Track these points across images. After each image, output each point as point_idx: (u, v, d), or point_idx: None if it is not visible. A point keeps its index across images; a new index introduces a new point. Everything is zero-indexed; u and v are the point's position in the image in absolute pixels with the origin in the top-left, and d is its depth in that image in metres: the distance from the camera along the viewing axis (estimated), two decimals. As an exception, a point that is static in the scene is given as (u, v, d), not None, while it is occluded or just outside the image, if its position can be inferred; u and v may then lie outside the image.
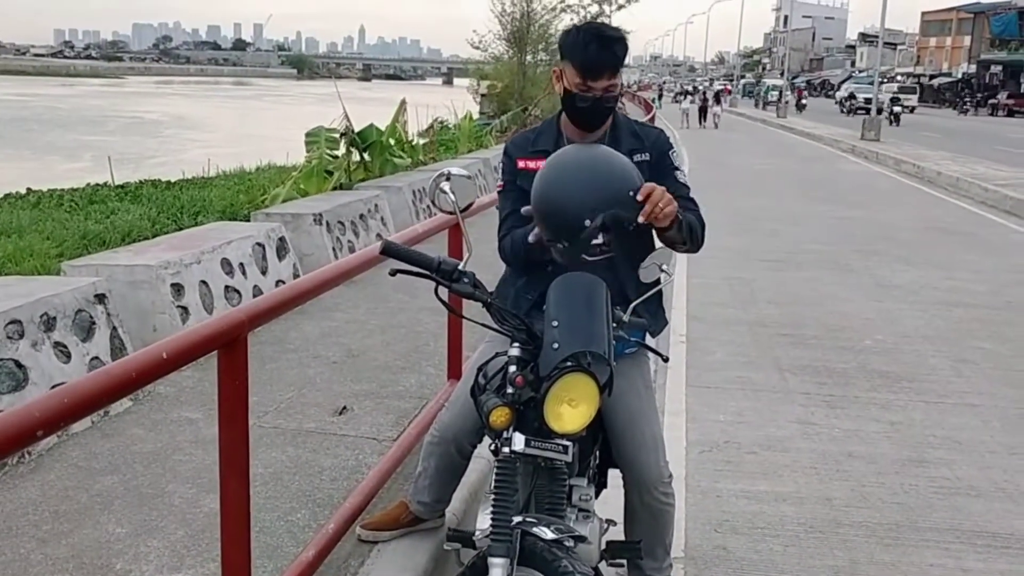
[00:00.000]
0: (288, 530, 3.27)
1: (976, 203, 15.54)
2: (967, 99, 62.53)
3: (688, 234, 2.63)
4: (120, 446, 3.93)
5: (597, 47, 2.59)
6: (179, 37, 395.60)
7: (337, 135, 12.07)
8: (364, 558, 3.08)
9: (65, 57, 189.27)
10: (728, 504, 4.11)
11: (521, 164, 2.80)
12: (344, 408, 4.45)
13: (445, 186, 2.43)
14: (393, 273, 2.36)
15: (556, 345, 2.25)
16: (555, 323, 2.28)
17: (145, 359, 1.83)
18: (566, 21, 29.55)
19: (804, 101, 56.62)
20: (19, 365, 3.78)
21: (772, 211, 13.60)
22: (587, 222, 2.28)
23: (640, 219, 2.32)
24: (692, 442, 4.77)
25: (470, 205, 2.48)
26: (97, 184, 16.40)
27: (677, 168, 2.81)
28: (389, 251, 2.40)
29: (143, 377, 1.79)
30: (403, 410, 4.47)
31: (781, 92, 54.90)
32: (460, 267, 2.37)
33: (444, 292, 2.44)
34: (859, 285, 8.66)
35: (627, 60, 2.78)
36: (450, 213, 2.50)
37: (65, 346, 4.06)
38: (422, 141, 17.29)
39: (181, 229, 7.93)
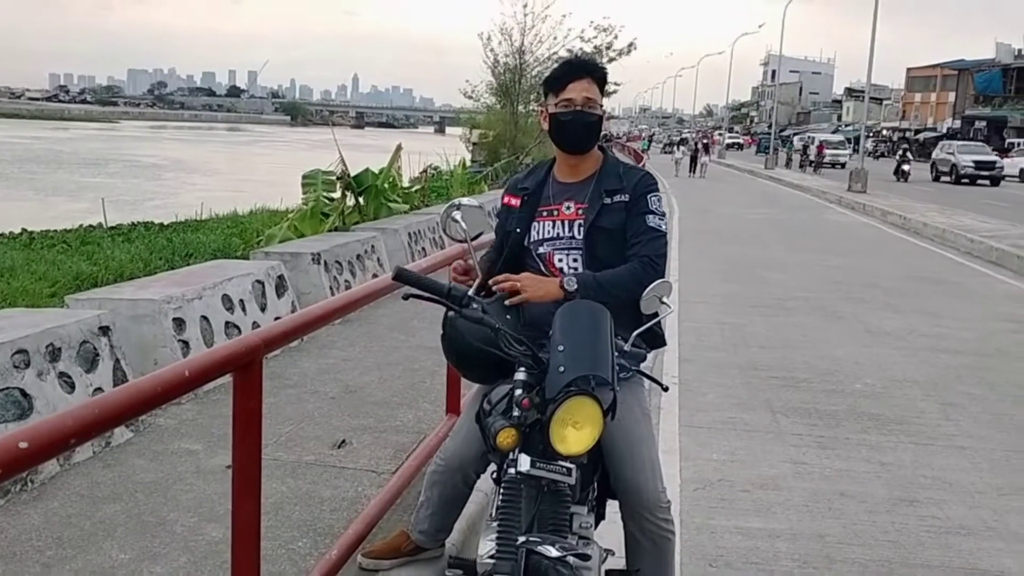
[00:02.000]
0: (290, 558, 3.31)
1: (962, 254, 15.74)
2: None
3: (599, 296, 2.69)
4: (122, 475, 3.97)
5: (567, 64, 2.92)
6: (174, 83, 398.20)
7: (334, 178, 12.23)
8: (366, 586, 3.12)
9: (60, 101, 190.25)
10: (723, 540, 4.16)
11: (505, 200, 3.01)
12: (343, 441, 4.50)
13: (456, 215, 2.53)
14: (406, 297, 2.45)
15: (562, 369, 2.33)
16: (561, 348, 2.37)
17: (170, 376, 1.90)
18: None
19: (828, 159, 49.17)
20: (24, 394, 3.83)
21: (761, 259, 13.75)
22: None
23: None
24: (686, 480, 4.82)
25: (480, 234, 2.57)
26: (90, 226, 16.48)
27: (651, 211, 2.88)
28: (401, 277, 2.49)
29: (168, 393, 1.86)
30: (401, 444, 4.52)
31: (806, 148, 50.54)
32: (469, 293, 2.46)
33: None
34: (848, 331, 8.77)
35: (617, 111, 2.95)
36: (461, 241, 2.59)
37: (70, 376, 4.11)
38: (415, 187, 17.46)
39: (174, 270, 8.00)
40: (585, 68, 2.89)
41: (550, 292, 2.69)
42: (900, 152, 42.38)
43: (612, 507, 3.06)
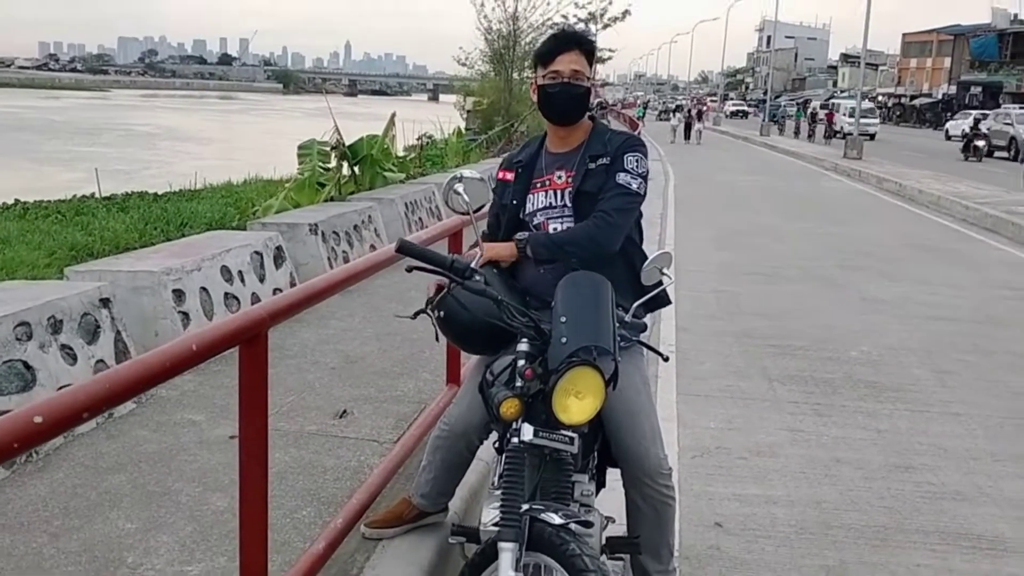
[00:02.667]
0: (295, 527, 3.35)
1: (957, 220, 15.78)
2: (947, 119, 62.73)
3: (551, 252, 2.82)
4: (126, 447, 4.00)
5: (554, 37, 2.96)
6: (165, 51, 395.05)
7: (328, 148, 12.19)
8: (370, 554, 3.15)
9: (50, 70, 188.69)
10: (720, 506, 4.21)
11: (500, 175, 3.06)
12: (344, 411, 4.53)
13: (459, 187, 2.54)
14: (409, 270, 2.47)
15: (564, 340, 2.36)
16: (563, 319, 2.40)
17: (178, 350, 1.92)
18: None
19: (839, 127, 43.38)
20: (27, 366, 3.85)
21: (757, 227, 13.77)
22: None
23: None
24: (684, 447, 4.87)
25: (483, 207, 2.59)
26: (84, 196, 16.42)
27: (624, 170, 2.89)
28: (404, 249, 2.51)
29: (177, 367, 1.88)
30: (402, 414, 4.55)
31: (815, 116, 48.55)
32: (472, 265, 2.48)
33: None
34: (844, 299, 8.81)
35: (611, 77, 2.97)
36: (463, 213, 2.61)
37: (71, 348, 4.13)
38: (410, 156, 17.41)
39: (169, 240, 7.99)
40: (573, 40, 2.93)
41: (506, 250, 2.81)
42: (970, 126, 33.59)
43: (612, 475, 3.11)
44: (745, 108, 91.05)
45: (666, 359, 2.99)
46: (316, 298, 2.64)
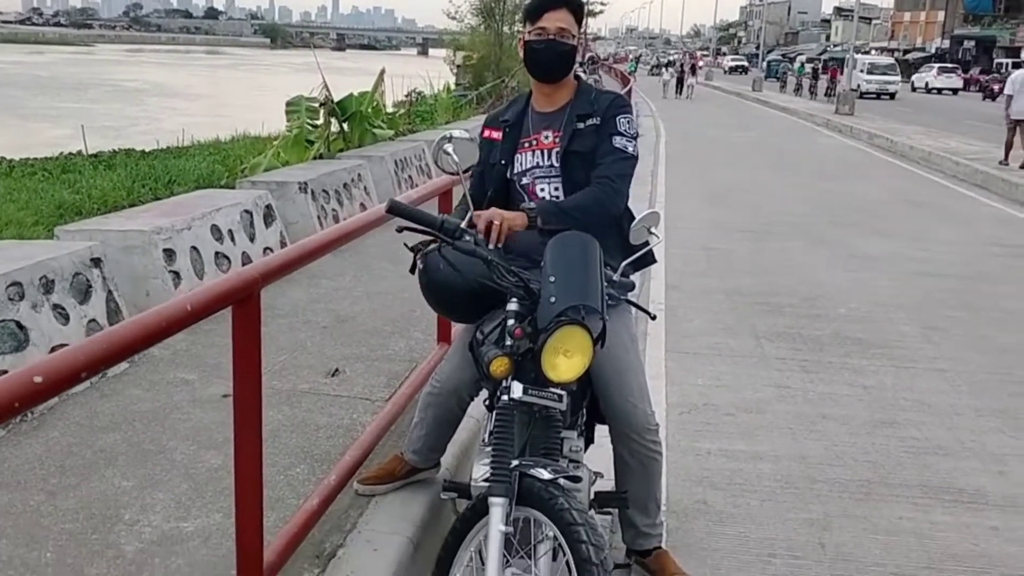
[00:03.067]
0: (288, 484, 3.40)
1: (947, 176, 15.80)
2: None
3: (562, 222, 2.74)
4: (120, 406, 4.03)
5: None
6: (150, 5, 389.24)
7: (317, 105, 12.10)
8: (363, 510, 3.21)
9: (34, 24, 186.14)
10: (707, 462, 4.28)
11: (485, 134, 3.06)
12: (336, 370, 4.57)
13: (448, 148, 2.56)
14: (400, 230, 2.50)
15: (553, 299, 2.39)
16: (552, 279, 2.43)
17: (173, 311, 1.95)
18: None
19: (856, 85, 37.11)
20: (20, 326, 3.87)
21: (748, 183, 13.78)
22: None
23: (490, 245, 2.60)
24: (672, 404, 4.93)
25: (472, 167, 2.60)
26: (70, 153, 16.31)
27: (619, 133, 2.91)
28: (395, 210, 2.53)
29: (172, 326, 1.91)
30: (394, 372, 4.59)
31: (816, 72, 44.26)
32: (462, 225, 2.50)
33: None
34: (833, 256, 8.86)
35: (603, 32, 2.97)
36: (453, 174, 2.63)
37: (64, 308, 4.15)
38: (399, 112, 17.31)
39: (158, 199, 7.97)
40: None
41: (519, 219, 2.73)
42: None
43: (600, 432, 3.16)
44: (745, 63, 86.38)
45: (654, 318, 3.04)
46: (308, 258, 2.66)
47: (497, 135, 3.01)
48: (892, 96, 40.38)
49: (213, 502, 3.22)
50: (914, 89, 50.15)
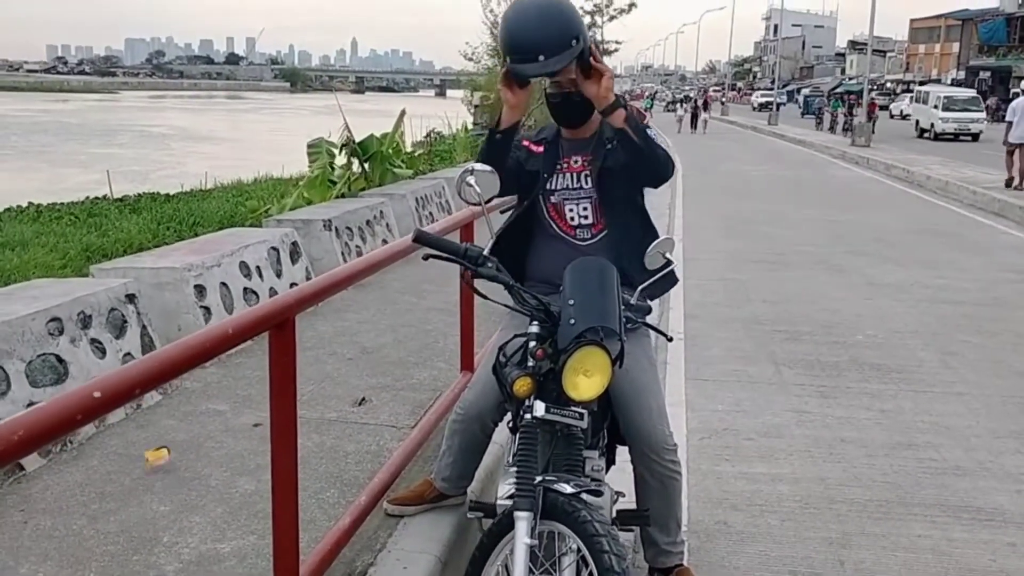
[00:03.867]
0: (320, 507, 3.51)
1: (965, 205, 15.85)
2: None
3: (640, 133, 2.92)
4: (155, 435, 4.17)
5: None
6: (172, 52, 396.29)
7: (338, 146, 12.35)
8: (392, 530, 3.32)
9: (59, 73, 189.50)
10: (728, 484, 4.36)
11: (524, 143, 3.23)
12: (363, 399, 4.69)
13: (471, 180, 2.70)
14: (426, 258, 2.63)
15: (573, 321, 2.52)
16: (571, 301, 2.55)
17: (216, 333, 2.08)
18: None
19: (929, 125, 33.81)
20: (60, 360, 4.02)
21: (765, 215, 13.88)
22: (541, 57, 2.78)
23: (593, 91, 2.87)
24: (692, 430, 5.01)
25: (493, 198, 2.74)
26: (96, 197, 16.64)
27: (648, 127, 3.06)
28: (421, 239, 2.67)
29: (216, 348, 2.05)
30: (419, 400, 4.71)
31: (851, 107, 35.60)
32: (485, 253, 2.64)
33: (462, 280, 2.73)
34: (850, 284, 8.93)
35: (619, 69, 3.12)
36: (476, 204, 2.77)
37: (100, 343, 4.30)
38: (419, 152, 17.56)
39: (182, 240, 8.16)
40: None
41: (608, 97, 2.88)
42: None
43: (621, 455, 3.26)
44: (712, 94, 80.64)
45: (671, 339, 3.15)
46: (339, 286, 2.80)
47: (537, 149, 3.19)
48: (975, 137, 33.83)
49: (248, 525, 3.34)
50: (891, 117, 52.11)
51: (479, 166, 2.76)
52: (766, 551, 3.74)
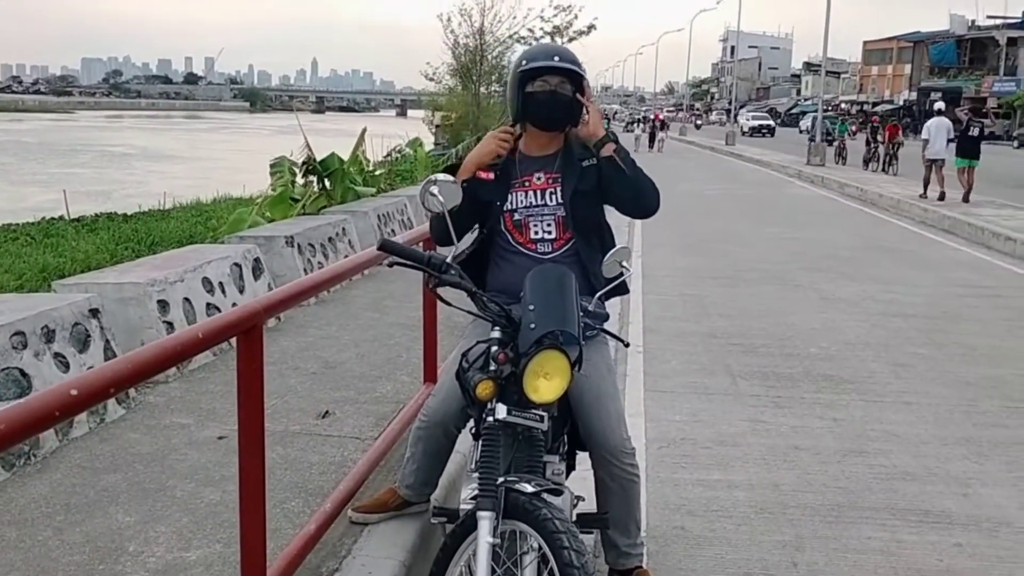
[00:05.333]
0: (285, 515, 3.56)
1: (916, 223, 16.23)
2: (907, 125, 63.17)
3: (629, 162, 3.12)
4: (119, 448, 4.19)
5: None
6: (129, 71, 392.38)
7: (300, 164, 12.40)
8: (357, 537, 3.38)
9: (13, 92, 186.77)
10: (685, 491, 4.47)
11: (476, 174, 3.23)
12: (327, 412, 4.74)
13: (434, 190, 2.78)
14: (391, 264, 2.72)
15: (533, 325, 2.61)
16: (532, 307, 2.65)
17: (186, 337, 2.15)
18: (519, 52, 30.13)
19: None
20: (23, 373, 4.04)
21: (722, 233, 14.11)
22: (556, 58, 3.11)
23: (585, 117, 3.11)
24: (651, 439, 5.12)
25: (456, 207, 2.83)
26: (52, 218, 16.49)
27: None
28: (386, 247, 2.75)
29: (186, 351, 2.11)
30: (382, 413, 4.77)
31: (875, 131, 28.62)
32: (448, 260, 2.72)
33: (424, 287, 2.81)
34: (805, 299, 9.13)
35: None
36: (438, 213, 2.85)
37: (64, 357, 4.32)
38: (379, 171, 17.62)
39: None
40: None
41: (598, 132, 3.10)
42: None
43: (582, 463, 3.35)
44: (770, 122, 66.89)
45: (627, 345, 3.25)
46: (306, 294, 2.87)
47: (487, 175, 3.21)
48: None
49: (214, 534, 3.38)
50: (801, 132, 51.22)
51: (442, 177, 2.85)
52: (722, 554, 3.85)
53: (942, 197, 17.88)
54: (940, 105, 20.98)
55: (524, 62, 3.10)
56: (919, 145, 20.18)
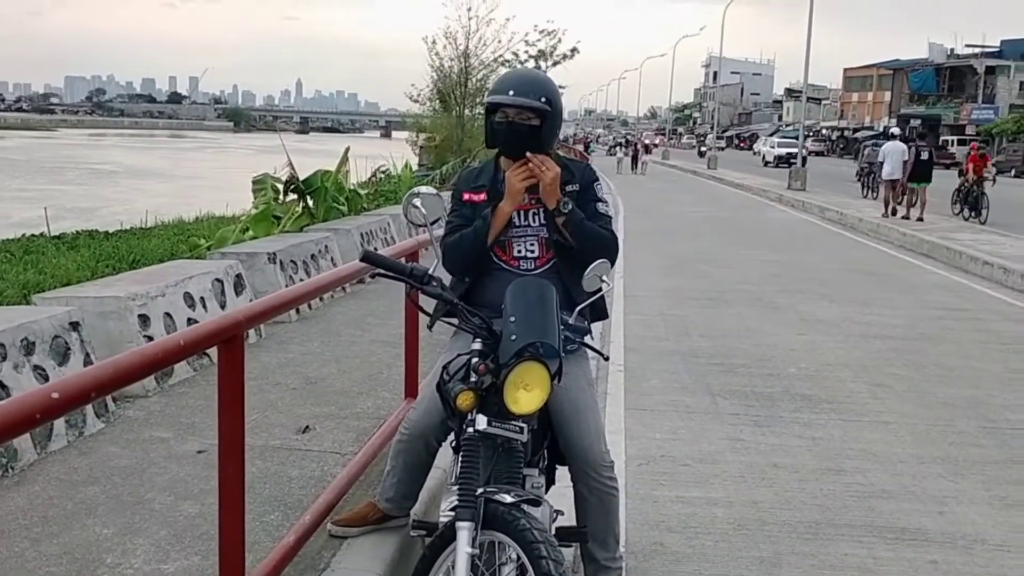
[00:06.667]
0: (264, 529, 3.55)
1: (895, 247, 16.37)
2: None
3: (579, 231, 3.12)
4: (98, 462, 4.17)
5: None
6: (113, 90, 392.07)
7: (282, 183, 12.41)
8: (336, 550, 3.38)
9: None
10: (664, 508, 4.49)
11: (466, 197, 3.29)
12: (307, 427, 4.74)
13: (416, 202, 2.82)
14: (373, 276, 2.74)
15: (514, 337, 2.64)
16: (512, 319, 2.67)
17: (167, 345, 2.16)
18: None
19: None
20: (2, 385, 4.03)
21: (703, 255, 14.18)
22: (511, 92, 3.10)
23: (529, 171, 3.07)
24: (631, 456, 5.14)
25: (438, 219, 2.86)
26: (32, 235, 16.40)
27: (599, 199, 3.29)
28: (369, 258, 2.77)
29: (168, 358, 2.12)
30: (363, 428, 4.77)
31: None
32: (429, 272, 2.75)
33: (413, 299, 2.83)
34: (784, 320, 9.19)
35: (563, 114, 3.26)
36: (421, 225, 2.88)
37: (44, 369, 4.31)
38: (363, 191, 17.65)
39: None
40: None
41: (554, 193, 3.09)
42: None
43: (560, 478, 3.37)
44: (795, 149, 44.87)
45: (607, 359, 3.29)
46: (288, 305, 2.88)
47: (478, 197, 3.24)
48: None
49: (192, 546, 3.37)
50: (766, 164, 51.24)
51: (424, 189, 2.89)
52: (700, 570, 3.86)
53: (894, 212, 19.94)
54: (895, 131, 23.65)
55: (486, 94, 3.13)
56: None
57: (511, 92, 3.08)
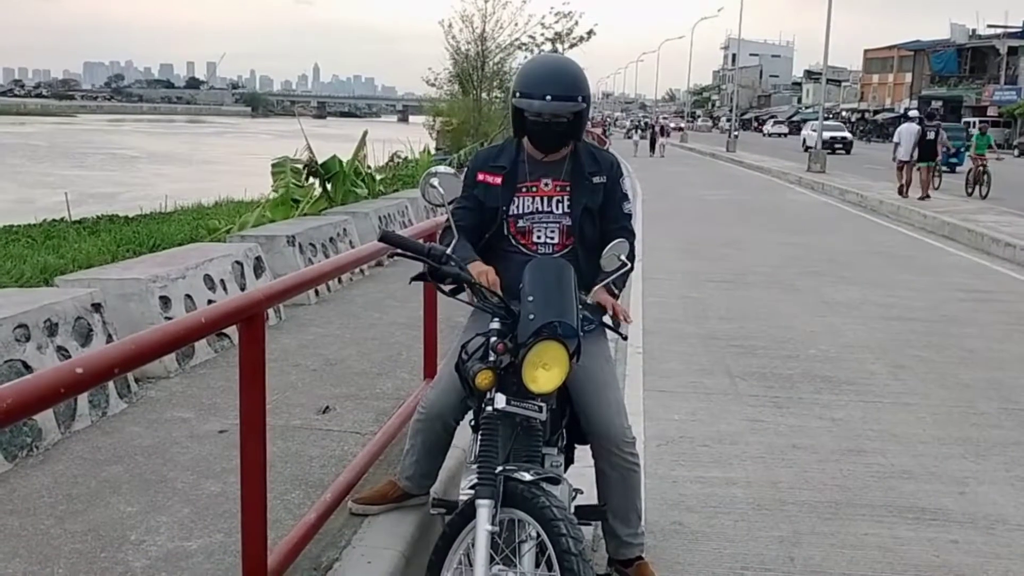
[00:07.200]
0: (285, 507, 3.58)
1: (916, 229, 16.25)
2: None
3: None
4: (121, 441, 4.21)
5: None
6: (131, 76, 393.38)
7: (301, 166, 12.46)
8: (357, 528, 3.40)
9: (15, 95, 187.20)
10: (683, 488, 4.49)
11: (480, 177, 3.26)
12: (327, 408, 4.77)
13: (434, 182, 2.82)
14: (392, 256, 2.74)
15: (532, 316, 2.64)
16: (531, 298, 2.68)
17: (189, 322, 2.18)
18: (520, 59, 30.31)
19: None
20: (26, 366, 4.06)
21: (722, 237, 14.13)
22: (547, 97, 3.02)
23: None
24: (650, 437, 5.14)
25: (456, 198, 2.86)
26: (54, 220, 16.53)
27: (625, 197, 3.31)
28: (387, 239, 2.78)
29: (190, 336, 2.14)
30: (382, 409, 4.79)
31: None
32: (447, 251, 2.75)
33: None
34: (804, 302, 9.15)
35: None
36: (439, 205, 2.89)
37: (67, 350, 4.35)
38: (380, 176, 17.68)
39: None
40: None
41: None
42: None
43: (581, 459, 3.38)
44: (847, 135, 50.67)
45: (625, 338, 3.28)
46: (307, 284, 2.90)
47: (494, 179, 3.20)
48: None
49: (214, 524, 3.40)
50: (806, 149, 39.10)
51: (442, 169, 2.89)
52: (719, 549, 3.87)
53: (901, 191, 20.58)
54: (913, 112, 23.78)
55: (518, 94, 3.07)
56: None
57: (548, 97, 2.99)
